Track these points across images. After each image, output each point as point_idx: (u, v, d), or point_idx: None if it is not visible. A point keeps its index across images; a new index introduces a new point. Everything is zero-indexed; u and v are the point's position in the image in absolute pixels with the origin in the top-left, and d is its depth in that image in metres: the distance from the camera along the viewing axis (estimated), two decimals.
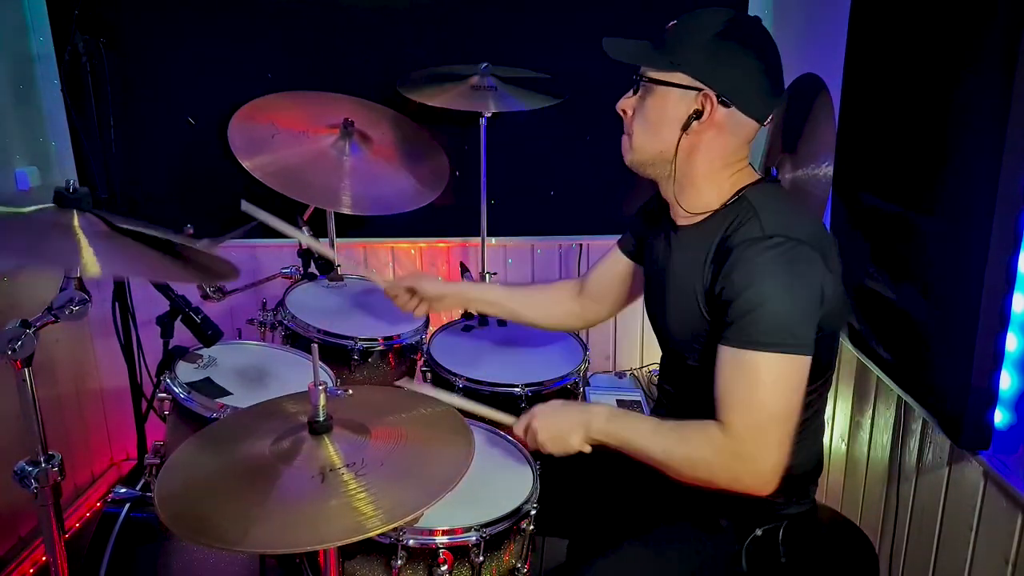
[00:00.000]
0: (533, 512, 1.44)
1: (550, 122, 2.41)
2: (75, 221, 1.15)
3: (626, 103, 1.39)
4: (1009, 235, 1.32)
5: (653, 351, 2.86)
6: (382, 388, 1.97)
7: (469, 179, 2.36)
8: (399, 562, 1.32)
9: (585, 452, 1.39)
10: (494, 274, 2.56)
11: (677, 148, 1.33)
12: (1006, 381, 1.42)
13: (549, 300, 1.81)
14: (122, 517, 1.69)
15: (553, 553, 1.74)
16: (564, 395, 1.99)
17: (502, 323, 2.28)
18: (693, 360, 1.39)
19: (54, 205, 1.20)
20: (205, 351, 1.73)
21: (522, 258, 2.75)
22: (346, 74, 2.43)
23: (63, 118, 2.48)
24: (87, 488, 2.64)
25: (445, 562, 1.33)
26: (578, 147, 2.59)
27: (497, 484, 1.49)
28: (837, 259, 1.29)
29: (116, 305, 2.37)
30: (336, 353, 1.96)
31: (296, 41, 2.48)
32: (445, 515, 1.35)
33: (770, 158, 2.07)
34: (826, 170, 1.87)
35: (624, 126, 1.40)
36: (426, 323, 2.15)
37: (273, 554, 1.51)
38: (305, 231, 2.06)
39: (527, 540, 1.47)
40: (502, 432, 1.65)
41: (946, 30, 1.45)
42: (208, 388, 1.65)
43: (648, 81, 1.33)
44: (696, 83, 1.29)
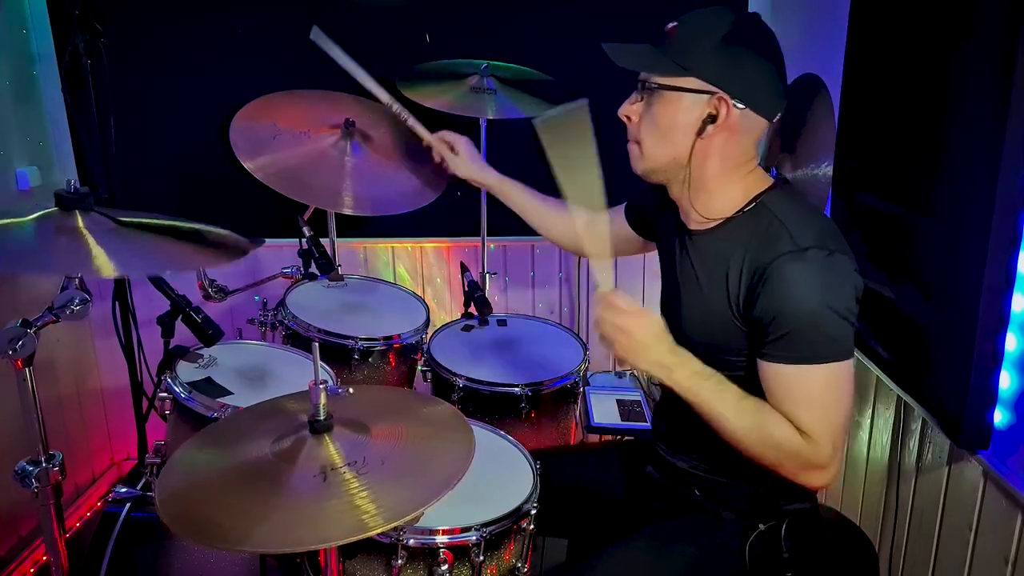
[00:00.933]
0: (533, 512, 1.44)
1: None
2: (80, 222, 1.16)
3: (630, 109, 1.36)
4: (1008, 235, 1.32)
5: None
6: (383, 388, 1.97)
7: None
8: (399, 561, 1.32)
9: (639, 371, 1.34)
10: (494, 274, 2.56)
11: (691, 153, 1.31)
12: (1006, 381, 1.42)
13: (559, 220, 1.83)
14: (123, 517, 1.69)
15: (553, 553, 1.74)
16: (564, 395, 2.00)
17: (502, 323, 2.29)
18: (711, 365, 1.37)
19: (56, 208, 1.20)
20: (206, 351, 1.74)
21: (522, 258, 2.75)
22: (347, 74, 2.43)
23: (63, 118, 2.48)
24: (88, 488, 2.64)
25: (445, 561, 1.33)
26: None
27: (497, 483, 1.49)
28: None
29: (117, 305, 2.37)
30: (336, 353, 1.97)
31: (297, 41, 2.47)
32: (445, 514, 1.35)
33: (770, 158, 2.07)
34: (825, 170, 1.87)
35: (629, 133, 1.37)
36: (426, 323, 2.15)
37: (274, 554, 1.52)
38: (306, 230, 2.07)
39: (527, 539, 1.47)
40: (502, 432, 1.65)
41: (945, 30, 1.45)
42: (209, 388, 1.66)
43: (657, 87, 1.30)
44: (709, 87, 1.27)
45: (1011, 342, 1.40)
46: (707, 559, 1.39)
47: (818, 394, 1.23)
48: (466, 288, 2.15)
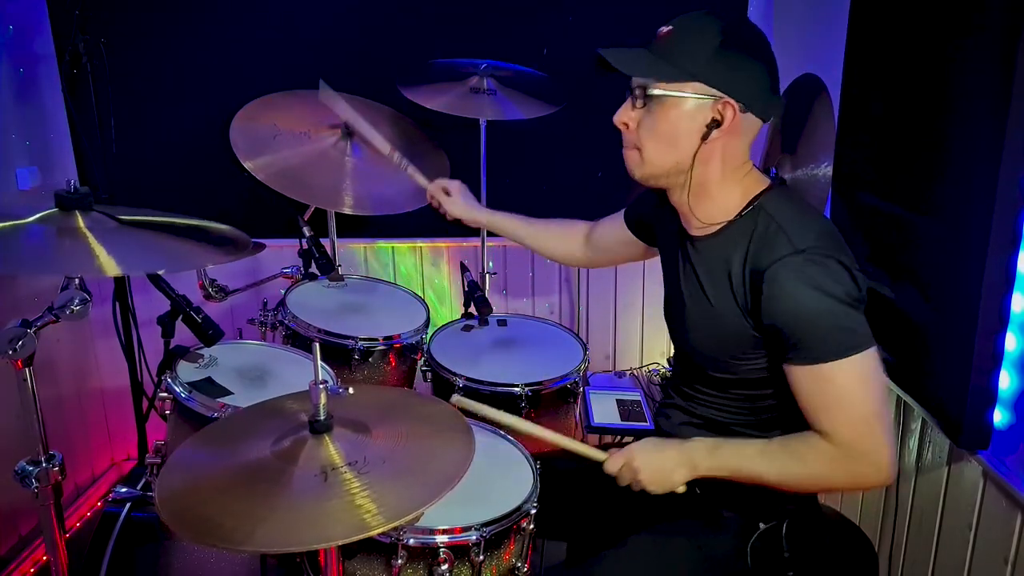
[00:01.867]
0: (533, 511, 1.44)
1: (550, 123, 2.41)
2: (80, 222, 1.15)
3: (627, 116, 1.33)
4: (1008, 235, 1.32)
5: (653, 351, 2.86)
6: (383, 387, 1.97)
7: (469, 179, 2.35)
8: (399, 561, 1.33)
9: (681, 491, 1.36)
10: (493, 274, 2.56)
11: (694, 158, 1.30)
12: (1005, 381, 1.43)
13: (559, 239, 1.88)
14: (123, 517, 1.69)
15: (553, 553, 1.74)
16: (564, 395, 2.00)
17: (502, 323, 2.29)
18: (718, 371, 1.38)
19: (56, 209, 1.20)
20: (206, 351, 1.74)
21: (521, 258, 2.75)
22: (347, 74, 2.44)
23: (63, 118, 2.48)
24: (88, 487, 2.65)
25: (445, 561, 1.34)
26: (577, 148, 2.59)
27: (497, 483, 1.49)
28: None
29: (117, 305, 2.37)
30: (336, 353, 1.97)
31: (297, 41, 2.48)
32: (445, 514, 1.35)
33: (770, 158, 2.07)
34: (825, 170, 1.87)
35: (625, 140, 1.35)
36: (426, 323, 2.15)
37: (275, 553, 1.52)
38: (306, 230, 2.07)
39: (527, 539, 1.47)
40: (502, 432, 1.65)
41: (945, 30, 1.45)
42: (209, 388, 1.66)
43: (658, 93, 1.28)
44: (713, 91, 1.25)
45: (1011, 342, 1.40)
46: (708, 558, 1.39)
47: (848, 391, 1.22)
48: (466, 288, 2.15)
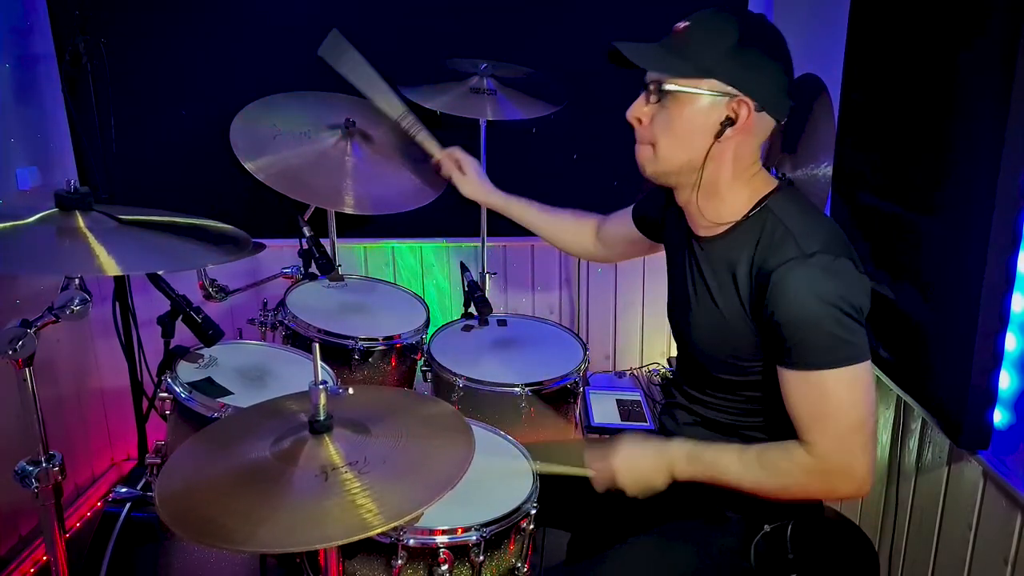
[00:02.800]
0: (533, 511, 1.44)
1: (550, 123, 2.42)
2: (80, 222, 1.15)
3: (640, 111, 1.32)
4: (1008, 235, 1.32)
5: (653, 351, 2.86)
6: (383, 387, 1.97)
7: None
8: (399, 561, 1.33)
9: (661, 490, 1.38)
10: (494, 274, 2.56)
11: (707, 156, 1.29)
12: (1005, 381, 1.43)
13: (571, 231, 1.87)
14: (123, 517, 1.69)
15: (554, 550, 1.74)
16: (564, 395, 2.00)
17: (502, 323, 2.29)
18: (721, 372, 1.38)
19: (56, 209, 1.20)
20: (206, 351, 1.74)
21: (522, 258, 2.75)
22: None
23: (63, 118, 2.48)
24: (88, 488, 2.64)
25: (445, 561, 1.34)
26: (578, 147, 2.59)
27: (497, 483, 1.49)
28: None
29: (117, 305, 2.37)
30: (336, 353, 1.97)
31: (297, 41, 2.48)
32: (445, 514, 1.35)
33: (770, 158, 2.07)
34: (825, 170, 1.87)
35: (638, 135, 1.35)
36: (426, 323, 2.15)
37: (275, 554, 1.52)
38: (306, 230, 2.07)
39: (527, 539, 1.47)
40: (502, 432, 1.65)
41: (945, 30, 1.45)
42: (209, 388, 1.66)
43: (675, 89, 1.27)
44: (729, 89, 1.25)
45: (1011, 342, 1.40)
46: (711, 559, 1.39)
47: (837, 400, 1.22)
48: (466, 288, 2.15)
